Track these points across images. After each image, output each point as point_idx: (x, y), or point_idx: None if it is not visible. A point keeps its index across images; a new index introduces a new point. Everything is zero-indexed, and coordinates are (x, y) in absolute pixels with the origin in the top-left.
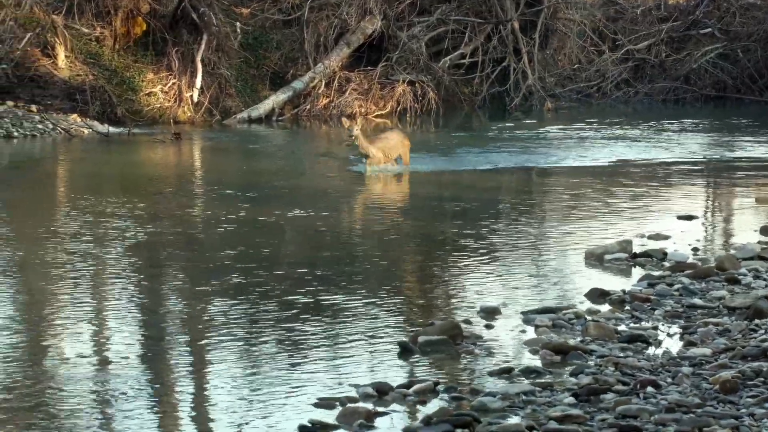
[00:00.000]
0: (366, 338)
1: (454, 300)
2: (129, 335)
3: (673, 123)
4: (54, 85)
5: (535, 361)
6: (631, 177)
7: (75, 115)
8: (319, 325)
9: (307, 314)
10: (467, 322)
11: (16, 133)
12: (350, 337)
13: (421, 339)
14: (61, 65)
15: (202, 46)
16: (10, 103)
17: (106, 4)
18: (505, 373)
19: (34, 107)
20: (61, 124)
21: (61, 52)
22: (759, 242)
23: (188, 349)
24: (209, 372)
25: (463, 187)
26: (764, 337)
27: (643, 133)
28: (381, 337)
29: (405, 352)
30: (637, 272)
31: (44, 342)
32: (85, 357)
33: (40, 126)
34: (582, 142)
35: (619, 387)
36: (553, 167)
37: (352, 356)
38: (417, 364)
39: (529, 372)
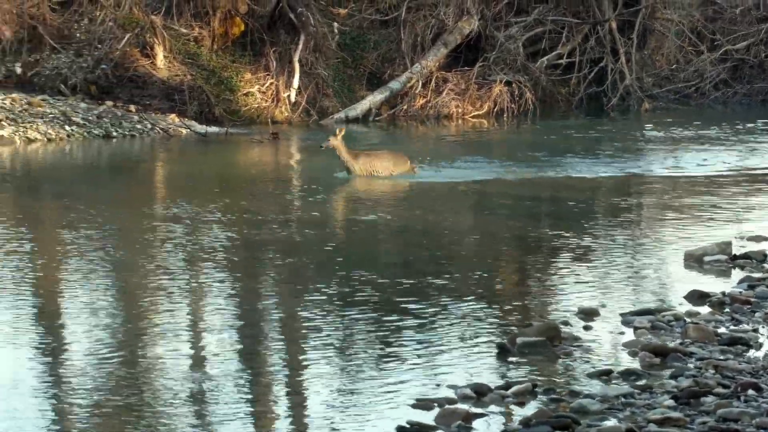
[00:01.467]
0: (463, 339)
1: (551, 301)
2: (227, 335)
3: None
4: (152, 85)
5: (634, 364)
6: (730, 179)
7: (173, 115)
8: (416, 326)
9: (405, 315)
10: (565, 323)
11: (115, 133)
12: (448, 339)
13: (519, 340)
14: (160, 65)
15: (300, 47)
16: (109, 103)
17: (204, 4)
18: (604, 375)
19: (132, 107)
20: (159, 124)
21: (159, 53)
22: None
23: (285, 348)
24: (306, 372)
25: (559, 189)
26: None
27: (742, 136)
28: (479, 339)
29: (503, 353)
30: (737, 274)
31: (142, 339)
32: (181, 356)
33: (138, 126)
34: (679, 143)
35: (720, 390)
36: (650, 169)
37: (449, 357)
38: (515, 365)
39: (628, 374)
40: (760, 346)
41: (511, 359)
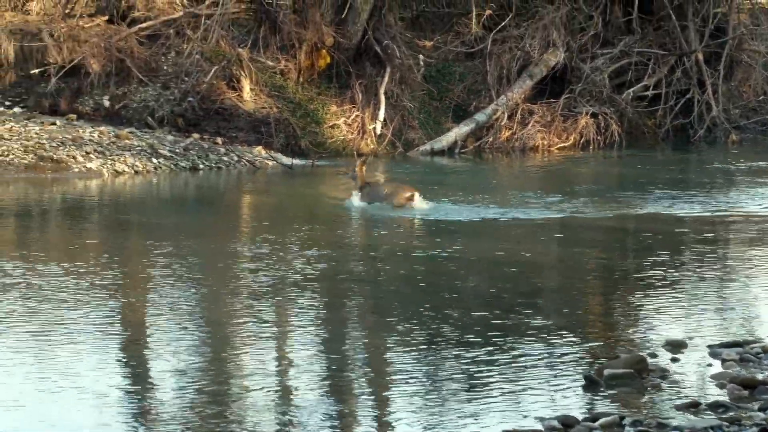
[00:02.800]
0: (550, 371)
1: (639, 333)
2: (311, 365)
3: None
4: (239, 117)
5: (723, 396)
6: None
7: (259, 148)
8: (502, 358)
9: (491, 346)
10: (653, 355)
11: (201, 166)
12: (534, 370)
13: (606, 372)
14: (246, 98)
15: (386, 79)
16: (196, 135)
17: (290, 37)
18: (692, 407)
19: (219, 140)
20: (245, 157)
21: (246, 85)
22: None
23: (371, 381)
24: (393, 404)
25: (645, 222)
26: None
27: None
28: (565, 371)
29: (591, 385)
30: None
31: (227, 368)
32: (266, 385)
33: (225, 158)
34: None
35: None
36: (738, 204)
37: (536, 389)
38: (602, 397)
39: (716, 406)
40: None
41: (598, 391)
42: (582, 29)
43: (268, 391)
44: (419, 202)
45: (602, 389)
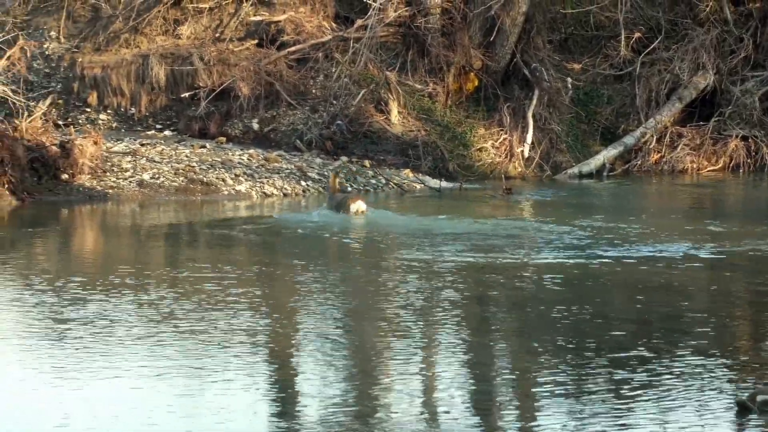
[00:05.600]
0: (701, 395)
1: None
2: (459, 390)
3: None
4: (387, 140)
5: None
6: None
7: (407, 170)
8: (649, 381)
9: (637, 370)
10: None
11: (350, 188)
12: (684, 395)
13: (759, 398)
14: (394, 121)
15: (534, 102)
16: (344, 158)
17: (438, 60)
18: None
19: (367, 162)
20: (393, 179)
21: (394, 108)
22: None
23: (517, 404)
24: (540, 427)
25: None
26: None
27: None
28: (716, 396)
29: (743, 411)
30: None
31: (371, 392)
32: (412, 410)
33: (373, 181)
34: None
35: None
36: None
37: (686, 414)
38: (755, 424)
39: None
40: None
41: (751, 417)
42: (732, 51)
43: (413, 414)
44: (361, 210)
45: (755, 415)
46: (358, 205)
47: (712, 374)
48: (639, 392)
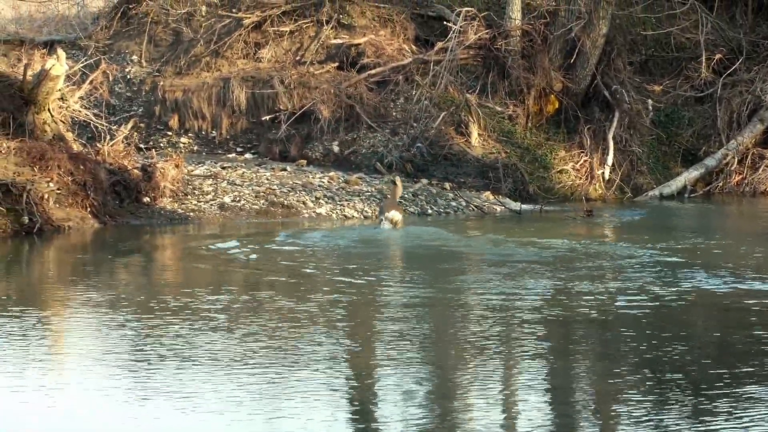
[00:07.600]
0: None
1: None
2: (537, 413)
3: None
4: (467, 162)
5: None
6: None
7: (488, 193)
8: (729, 412)
9: (717, 399)
10: None
11: (430, 211)
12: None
13: None
14: (474, 143)
15: (614, 124)
16: (424, 180)
17: (519, 82)
18: None
19: (447, 185)
20: (473, 202)
21: (474, 131)
22: None
23: (598, 424)
24: None
25: None
26: None
27: None
28: None
29: None
30: None
31: (454, 412)
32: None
33: (453, 203)
34: None
35: None
36: None
37: None
38: None
39: None
40: None
41: None
42: None
43: None
44: (395, 219)
45: None
46: (393, 215)
47: None
48: (717, 420)
